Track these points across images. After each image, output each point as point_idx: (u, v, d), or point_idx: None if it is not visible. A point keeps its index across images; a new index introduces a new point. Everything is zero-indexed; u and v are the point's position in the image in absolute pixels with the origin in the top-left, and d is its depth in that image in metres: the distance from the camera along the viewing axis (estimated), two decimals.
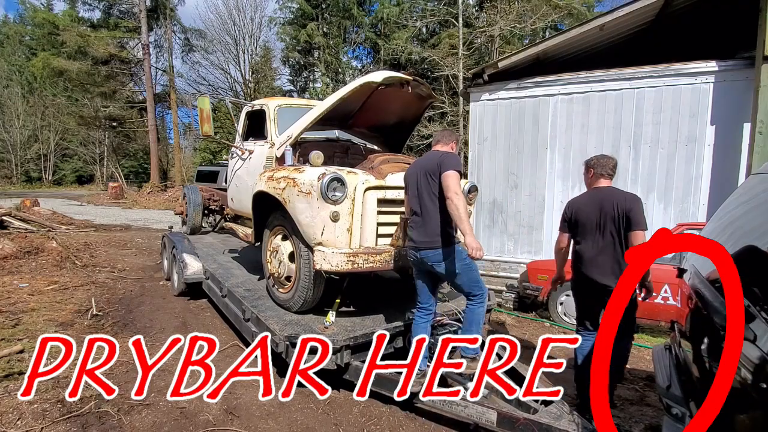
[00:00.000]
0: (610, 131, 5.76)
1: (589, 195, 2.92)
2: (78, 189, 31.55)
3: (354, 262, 2.92)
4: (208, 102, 4.01)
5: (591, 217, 2.80)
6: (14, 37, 34.93)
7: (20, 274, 5.90)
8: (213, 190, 6.73)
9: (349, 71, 27.65)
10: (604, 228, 2.75)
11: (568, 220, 2.97)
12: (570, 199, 3.05)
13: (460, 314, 3.38)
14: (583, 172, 3.06)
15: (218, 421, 2.75)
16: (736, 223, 1.95)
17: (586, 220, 2.83)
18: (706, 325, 1.62)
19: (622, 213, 2.67)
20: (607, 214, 2.73)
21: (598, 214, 2.77)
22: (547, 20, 17.22)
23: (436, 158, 2.75)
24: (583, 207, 2.88)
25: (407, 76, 3.59)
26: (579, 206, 2.91)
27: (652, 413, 3.16)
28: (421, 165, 2.84)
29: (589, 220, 2.81)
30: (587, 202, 2.88)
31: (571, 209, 2.95)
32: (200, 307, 5.18)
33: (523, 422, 2.39)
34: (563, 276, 3.30)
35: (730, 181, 5.07)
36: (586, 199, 2.90)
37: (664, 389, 1.91)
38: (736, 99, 5.06)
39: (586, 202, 2.88)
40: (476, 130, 6.68)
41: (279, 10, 27.50)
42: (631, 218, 2.64)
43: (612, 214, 2.71)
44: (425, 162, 2.83)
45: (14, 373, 3.05)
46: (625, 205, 2.69)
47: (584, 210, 2.86)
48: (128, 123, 28.35)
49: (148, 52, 24.45)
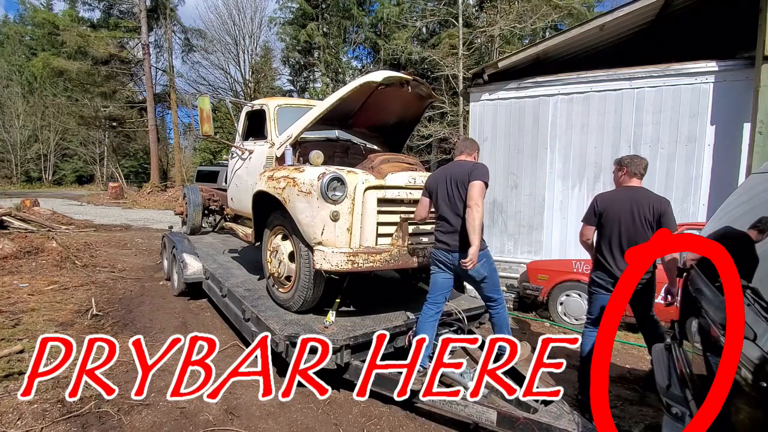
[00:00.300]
0: (610, 131, 5.76)
1: (621, 192, 2.99)
2: (78, 189, 31.56)
3: (354, 261, 2.92)
4: (208, 102, 4.01)
5: (623, 214, 2.87)
6: (14, 37, 34.92)
7: (20, 274, 5.90)
8: (213, 190, 6.73)
9: (349, 71, 27.65)
10: (638, 226, 2.84)
11: (597, 214, 3.01)
12: (600, 193, 3.10)
13: (460, 314, 3.38)
14: (613, 170, 3.14)
15: (218, 421, 2.75)
16: (736, 223, 1.95)
17: (615, 216, 2.90)
18: (706, 324, 1.62)
19: (656, 214, 2.81)
20: (643, 213, 2.82)
21: (632, 212, 2.85)
22: (547, 20, 17.21)
23: (467, 168, 2.90)
24: (614, 203, 2.93)
25: (407, 75, 3.59)
26: (610, 202, 2.96)
27: (652, 413, 3.16)
28: (450, 174, 2.95)
29: (621, 217, 2.88)
30: (620, 198, 2.94)
31: (603, 204, 2.99)
32: (200, 307, 5.18)
33: (523, 422, 2.39)
34: None
35: (730, 181, 5.06)
36: (619, 196, 2.97)
37: (664, 389, 1.91)
38: (736, 99, 5.06)
39: (619, 198, 2.95)
40: (476, 130, 6.68)
41: (279, 10, 27.50)
42: (663, 221, 2.79)
43: (647, 214, 2.82)
44: (456, 171, 2.94)
45: (14, 373, 3.05)
46: (660, 207, 2.83)
47: (615, 206, 2.92)
48: (128, 123, 28.35)
49: (148, 52, 24.45)
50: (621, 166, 3.05)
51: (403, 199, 3.29)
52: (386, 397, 3.03)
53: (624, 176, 3.01)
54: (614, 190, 3.07)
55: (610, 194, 3.04)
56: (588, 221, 3.07)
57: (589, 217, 3.06)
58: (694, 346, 1.81)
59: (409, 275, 4.35)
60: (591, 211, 3.05)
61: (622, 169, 3.03)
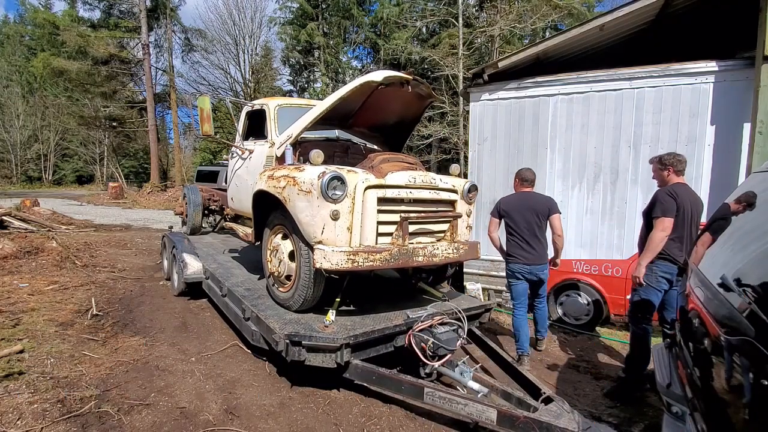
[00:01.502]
0: (610, 131, 5.76)
1: (683, 189, 3.22)
2: (78, 189, 31.56)
3: (354, 260, 2.92)
4: (208, 102, 4.00)
5: (691, 211, 3.19)
6: (14, 37, 34.96)
7: (20, 274, 5.90)
8: (213, 190, 6.73)
9: (349, 71, 27.66)
10: (694, 222, 3.21)
11: (679, 209, 3.20)
12: (675, 189, 3.22)
13: (460, 314, 3.39)
14: (655, 168, 3.41)
15: (218, 421, 2.75)
16: (736, 222, 1.95)
17: (686, 212, 3.18)
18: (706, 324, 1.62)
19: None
20: (698, 211, 3.23)
21: (692, 209, 3.19)
22: (547, 20, 17.23)
23: (545, 203, 3.91)
24: (686, 200, 3.18)
25: (407, 75, 3.59)
26: (686, 198, 3.19)
27: (652, 413, 3.16)
28: (530, 205, 3.87)
29: (690, 214, 3.19)
30: (688, 195, 3.21)
31: (681, 200, 3.16)
32: (200, 307, 5.18)
33: (523, 420, 2.39)
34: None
35: (730, 181, 5.07)
36: (686, 193, 3.21)
37: (664, 387, 1.91)
38: (736, 99, 5.06)
39: (687, 195, 3.20)
40: (476, 130, 6.68)
41: (279, 10, 27.52)
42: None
43: (700, 211, 3.24)
44: (535, 204, 3.88)
45: (14, 373, 3.05)
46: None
47: (687, 203, 3.17)
48: (128, 123, 28.33)
49: (148, 52, 24.45)
50: (666, 166, 3.30)
51: (403, 199, 3.29)
52: (386, 396, 3.03)
53: (670, 175, 3.29)
54: (678, 185, 3.25)
55: (681, 189, 3.22)
56: (670, 215, 3.22)
57: (672, 211, 3.24)
58: (694, 346, 1.81)
59: (409, 275, 4.34)
60: (677, 206, 3.19)
61: (668, 168, 3.29)
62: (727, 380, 1.35)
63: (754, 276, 1.37)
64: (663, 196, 3.19)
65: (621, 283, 4.92)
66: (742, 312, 1.30)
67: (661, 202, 3.17)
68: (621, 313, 4.96)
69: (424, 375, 3.02)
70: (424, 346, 3.01)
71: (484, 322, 4.01)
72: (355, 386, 3.14)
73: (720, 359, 1.41)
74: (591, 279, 5.13)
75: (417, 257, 3.24)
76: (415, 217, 3.30)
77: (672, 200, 3.14)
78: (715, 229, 2.02)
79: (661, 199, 3.19)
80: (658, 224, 3.15)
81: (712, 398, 1.49)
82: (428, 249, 3.32)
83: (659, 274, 3.21)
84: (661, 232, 3.14)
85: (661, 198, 3.20)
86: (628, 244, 5.60)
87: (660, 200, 3.19)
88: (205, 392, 3.11)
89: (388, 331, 3.10)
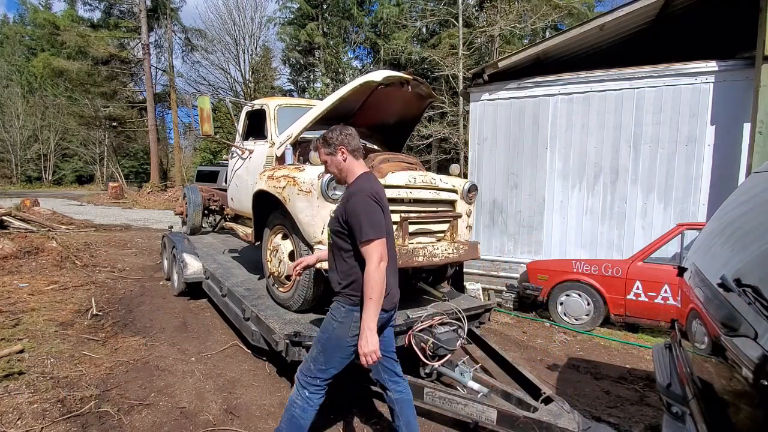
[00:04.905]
0: (610, 131, 5.76)
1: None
2: (78, 189, 31.54)
3: None
4: (208, 102, 4.00)
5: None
6: (14, 38, 34.95)
7: (20, 274, 5.89)
8: (213, 190, 6.73)
9: (349, 71, 27.63)
10: None
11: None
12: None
13: (461, 314, 3.38)
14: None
15: (218, 421, 2.75)
16: (737, 222, 1.95)
17: None
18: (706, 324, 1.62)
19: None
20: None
21: None
22: (547, 20, 17.22)
23: None
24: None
25: (407, 75, 3.59)
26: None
27: (652, 413, 3.16)
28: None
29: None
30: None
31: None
32: (200, 306, 5.18)
33: (523, 420, 2.39)
34: None
35: (730, 181, 5.07)
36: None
37: (664, 388, 1.91)
38: (736, 99, 5.06)
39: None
40: (476, 130, 6.69)
41: (279, 10, 27.49)
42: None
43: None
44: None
45: (14, 373, 3.05)
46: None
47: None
48: (128, 123, 28.32)
49: (148, 52, 24.45)
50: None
51: (404, 199, 3.29)
52: None
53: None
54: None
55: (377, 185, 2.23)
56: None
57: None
58: (694, 346, 1.81)
59: (409, 275, 4.34)
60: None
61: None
62: (727, 380, 1.35)
63: (754, 276, 1.37)
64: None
65: (621, 283, 4.92)
66: (742, 312, 1.30)
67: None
68: (621, 313, 4.97)
69: (424, 375, 3.02)
70: (424, 346, 3.01)
71: (484, 322, 4.01)
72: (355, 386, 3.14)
73: (720, 359, 1.41)
74: (591, 279, 5.13)
75: (417, 257, 3.24)
76: (415, 217, 3.30)
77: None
78: None
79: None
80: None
81: (712, 398, 1.49)
82: (428, 249, 3.32)
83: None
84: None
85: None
86: (628, 244, 5.60)
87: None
88: (205, 392, 3.11)
89: None
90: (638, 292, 4.83)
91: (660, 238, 4.99)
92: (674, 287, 4.52)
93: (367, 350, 1.91)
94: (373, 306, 1.91)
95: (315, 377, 2.12)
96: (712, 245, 2.02)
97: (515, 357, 4.06)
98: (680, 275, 2.49)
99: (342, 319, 2.06)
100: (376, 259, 1.90)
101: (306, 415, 2.14)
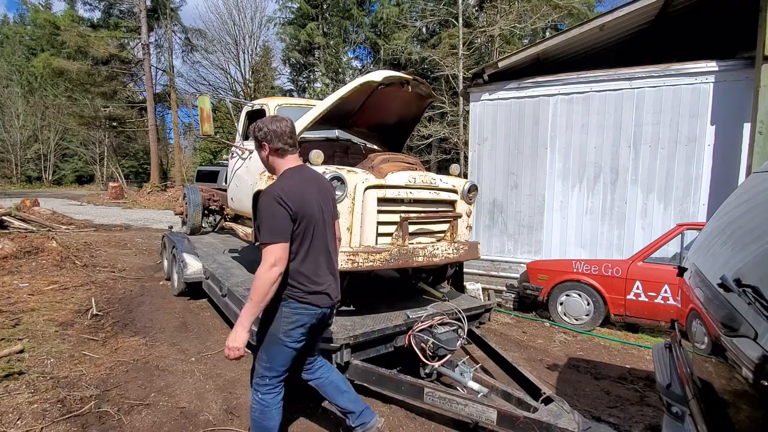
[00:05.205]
0: (610, 131, 5.76)
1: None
2: (78, 189, 31.57)
3: (354, 261, 2.92)
4: (208, 101, 4.00)
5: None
6: (14, 38, 34.95)
7: (20, 274, 5.89)
8: (213, 190, 6.74)
9: (349, 71, 27.65)
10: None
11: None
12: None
13: (461, 314, 3.38)
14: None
15: (218, 421, 2.75)
16: (737, 222, 1.95)
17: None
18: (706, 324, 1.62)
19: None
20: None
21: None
22: (547, 20, 17.22)
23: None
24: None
25: (407, 75, 3.59)
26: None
27: (652, 413, 3.16)
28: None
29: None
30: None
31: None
32: (200, 306, 5.18)
33: (523, 421, 2.39)
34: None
35: (730, 181, 5.07)
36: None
37: (664, 388, 1.91)
38: (736, 99, 5.06)
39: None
40: (476, 130, 6.69)
41: (279, 10, 27.52)
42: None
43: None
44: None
45: (14, 373, 3.05)
46: None
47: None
48: (128, 123, 28.33)
49: (148, 52, 24.45)
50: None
51: (403, 199, 3.29)
52: (386, 396, 3.03)
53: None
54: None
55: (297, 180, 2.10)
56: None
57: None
58: (694, 346, 1.81)
59: (409, 275, 4.34)
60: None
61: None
62: (727, 380, 1.35)
63: (754, 276, 1.37)
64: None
65: (621, 283, 4.92)
66: (742, 312, 1.30)
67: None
68: (621, 313, 4.97)
69: (424, 375, 3.02)
70: (424, 347, 3.01)
71: (484, 322, 4.01)
72: (355, 386, 3.14)
73: (720, 359, 1.41)
74: (591, 279, 5.13)
75: (417, 257, 3.24)
76: (415, 218, 3.30)
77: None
78: None
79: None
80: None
81: (712, 398, 1.49)
82: (428, 249, 3.32)
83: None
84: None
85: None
86: (628, 244, 5.60)
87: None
88: (205, 392, 3.11)
89: (388, 332, 3.09)
90: (638, 292, 4.83)
91: (660, 238, 4.99)
92: (674, 287, 4.52)
93: (231, 345, 1.91)
94: (251, 306, 1.89)
95: (263, 377, 2.13)
96: (712, 245, 2.02)
97: (515, 357, 4.06)
98: (680, 275, 2.49)
99: (274, 314, 2.08)
100: (268, 263, 1.86)
101: (267, 416, 2.13)
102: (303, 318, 2.06)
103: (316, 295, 2.05)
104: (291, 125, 2.12)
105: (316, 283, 2.04)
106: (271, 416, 2.14)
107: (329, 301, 2.14)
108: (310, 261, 2.04)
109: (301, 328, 2.07)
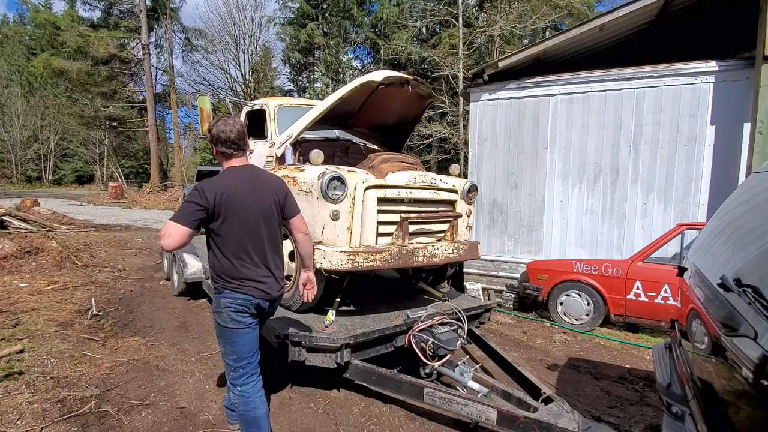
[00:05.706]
0: (610, 131, 5.76)
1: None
2: (78, 189, 31.57)
3: (354, 260, 2.92)
4: (208, 101, 4.01)
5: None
6: (14, 38, 34.94)
7: (20, 274, 5.90)
8: None
9: (349, 71, 27.64)
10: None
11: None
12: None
13: (461, 314, 3.38)
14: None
15: (218, 421, 2.75)
16: (737, 222, 1.95)
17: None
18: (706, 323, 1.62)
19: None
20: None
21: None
22: (547, 20, 17.21)
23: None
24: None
25: (407, 75, 3.59)
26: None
27: (652, 413, 3.16)
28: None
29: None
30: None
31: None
32: (200, 306, 5.18)
33: (523, 421, 2.39)
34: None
35: (730, 181, 5.07)
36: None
37: (664, 388, 1.91)
38: (736, 99, 5.06)
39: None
40: (476, 130, 6.69)
41: (279, 10, 27.52)
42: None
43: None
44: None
45: (14, 373, 3.05)
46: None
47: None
48: (128, 123, 28.33)
49: (148, 52, 24.45)
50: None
51: (404, 199, 3.29)
52: (386, 396, 3.03)
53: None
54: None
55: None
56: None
57: None
58: (694, 346, 1.81)
59: (409, 275, 4.34)
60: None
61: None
62: (727, 380, 1.35)
63: (754, 276, 1.37)
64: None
65: (621, 283, 4.92)
66: (742, 312, 1.30)
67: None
68: (621, 313, 4.97)
69: (424, 375, 3.02)
70: (424, 346, 3.01)
71: (484, 322, 4.01)
72: (355, 386, 3.14)
73: (720, 359, 1.41)
74: (591, 279, 5.13)
75: (417, 257, 3.24)
76: (415, 217, 3.30)
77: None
78: None
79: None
80: None
81: (712, 398, 1.49)
82: (428, 249, 3.32)
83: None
84: None
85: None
86: (628, 244, 5.60)
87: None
88: (205, 392, 3.11)
89: (388, 331, 3.09)
90: (638, 292, 4.83)
91: (660, 238, 4.99)
92: (674, 287, 4.52)
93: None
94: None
95: (236, 369, 2.18)
96: (712, 245, 2.02)
97: (515, 357, 4.06)
98: (680, 275, 2.49)
99: (215, 307, 2.19)
100: (162, 233, 2.04)
101: (251, 406, 2.18)
102: (236, 306, 2.13)
103: (244, 286, 2.13)
104: (237, 130, 2.19)
105: (242, 273, 2.13)
106: (255, 405, 2.18)
107: (261, 293, 2.18)
108: (233, 254, 2.16)
109: (238, 315, 2.14)
